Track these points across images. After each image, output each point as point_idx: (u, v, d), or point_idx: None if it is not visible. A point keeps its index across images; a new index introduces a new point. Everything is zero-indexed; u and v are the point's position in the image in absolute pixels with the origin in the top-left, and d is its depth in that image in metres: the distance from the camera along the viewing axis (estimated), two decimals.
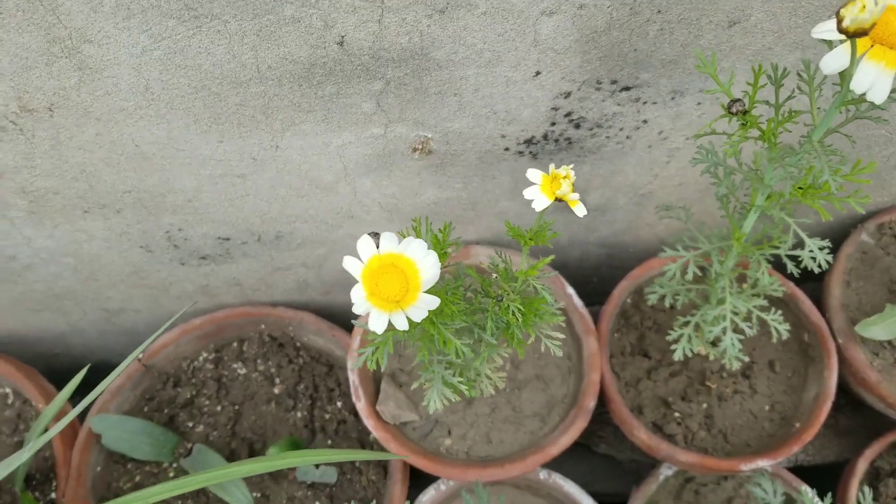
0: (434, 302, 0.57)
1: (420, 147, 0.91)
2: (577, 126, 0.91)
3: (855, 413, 1.25)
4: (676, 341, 1.00)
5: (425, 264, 0.57)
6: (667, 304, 0.92)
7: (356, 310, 0.57)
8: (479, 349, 0.79)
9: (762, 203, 0.77)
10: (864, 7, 0.48)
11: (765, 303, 0.93)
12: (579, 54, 0.79)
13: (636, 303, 1.17)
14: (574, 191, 0.61)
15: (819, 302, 1.15)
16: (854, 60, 0.55)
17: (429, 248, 0.58)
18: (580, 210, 0.61)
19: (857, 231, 1.19)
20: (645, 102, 0.88)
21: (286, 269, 1.20)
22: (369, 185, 0.98)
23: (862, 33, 0.49)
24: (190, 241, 1.08)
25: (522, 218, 1.12)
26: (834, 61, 0.56)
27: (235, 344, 1.32)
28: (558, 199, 0.62)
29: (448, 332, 0.68)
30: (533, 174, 0.62)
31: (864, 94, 0.56)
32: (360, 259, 0.57)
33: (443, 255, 0.68)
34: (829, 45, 0.57)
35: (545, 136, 0.93)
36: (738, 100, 0.63)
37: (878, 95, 0.55)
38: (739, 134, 0.64)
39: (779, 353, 1.15)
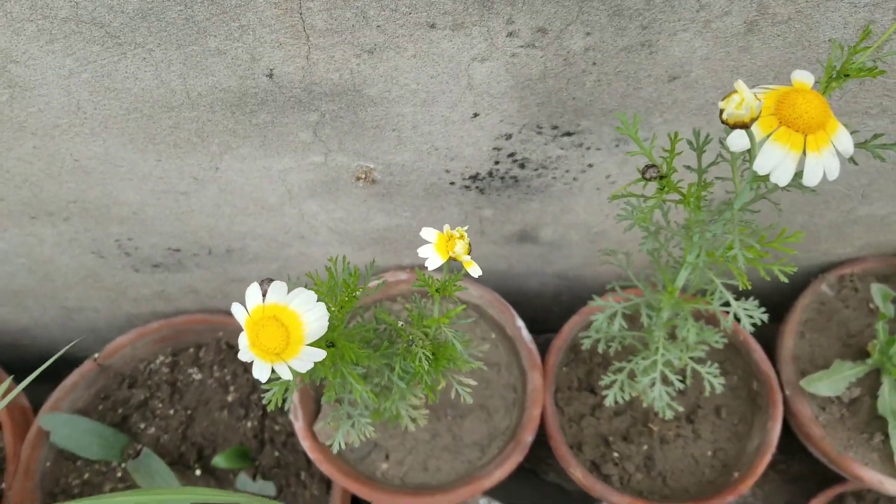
0: (319, 355, 0.57)
1: (363, 176, 0.91)
2: (522, 166, 0.90)
3: (808, 459, 1.23)
4: (610, 386, 0.99)
5: (310, 317, 0.56)
6: (600, 350, 0.91)
7: (241, 356, 0.57)
8: (392, 390, 0.79)
9: (692, 261, 0.76)
10: (742, 102, 0.46)
11: (702, 354, 0.92)
12: (516, 99, 0.78)
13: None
14: (469, 252, 0.60)
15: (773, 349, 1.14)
16: (755, 143, 0.53)
17: (318, 300, 0.57)
18: (474, 271, 0.61)
19: (817, 281, 1.17)
20: (588, 148, 0.87)
21: (241, 281, 1.20)
22: (316, 208, 0.98)
23: (743, 126, 0.48)
24: (141, 250, 1.09)
25: (474, 248, 1.11)
26: (740, 140, 0.55)
27: (192, 349, 1.33)
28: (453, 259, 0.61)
29: (353, 375, 0.68)
30: (427, 233, 0.61)
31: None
32: (245, 308, 0.57)
33: (351, 299, 0.68)
34: None
35: (490, 174, 0.92)
36: (653, 165, 0.62)
37: (782, 178, 0.54)
38: (656, 198, 0.63)
39: (727, 398, 1.14)
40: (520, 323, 1.14)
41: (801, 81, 0.55)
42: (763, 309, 0.76)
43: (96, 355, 1.27)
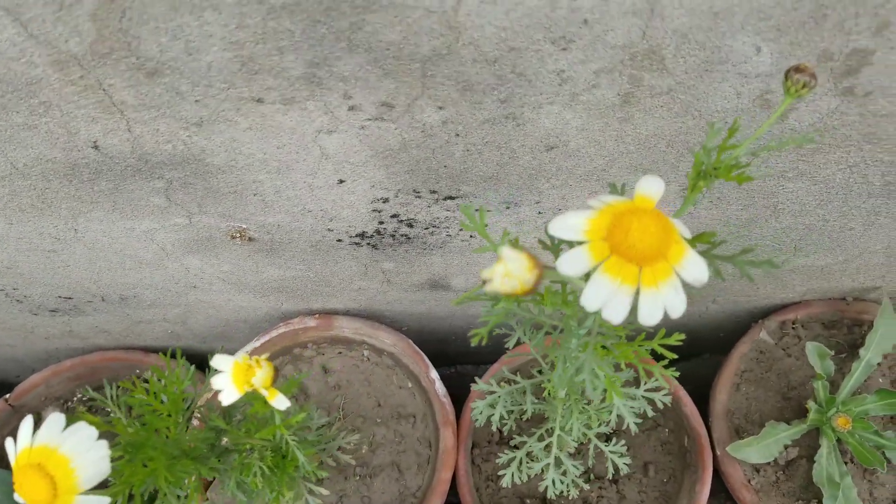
0: (102, 502, 0.50)
1: (238, 235, 0.83)
2: (410, 225, 0.82)
3: None
4: (507, 465, 0.92)
5: (86, 461, 0.49)
6: (494, 428, 0.83)
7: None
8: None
9: (562, 376, 0.68)
10: (509, 274, 0.38)
11: (608, 429, 0.84)
12: (382, 168, 0.70)
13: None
14: (273, 383, 0.52)
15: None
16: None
17: (97, 438, 0.50)
18: (279, 403, 0.53)
19: (756, 328, 1.08)
20: (477, 210, 0.78)
21: (148, 323, 1.14)
22: (198, 263, 0.90)
23: (515, 297, 0.40)
24: (31, 298, 1.02)
25: (384, 295, 1.04)
26: (570, 266, 0.47)
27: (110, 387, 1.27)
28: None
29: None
30: (221, 361, 0.53)
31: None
32: (14, 447, 0.49)
33: (177, 411, 0.61)
34: None
35: (378, 232, 0.84)
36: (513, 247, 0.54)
37: (615, 316, 0.45)
38: (504, 304, 0.55)
39: (658, 454, 1.07)
40: (434, 375, 1.06)
41: (645, 195, 0.47)
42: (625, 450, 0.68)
43: (7, 396, 1.22)
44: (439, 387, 1.06)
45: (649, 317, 0.45)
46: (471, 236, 0.86)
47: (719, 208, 0.80)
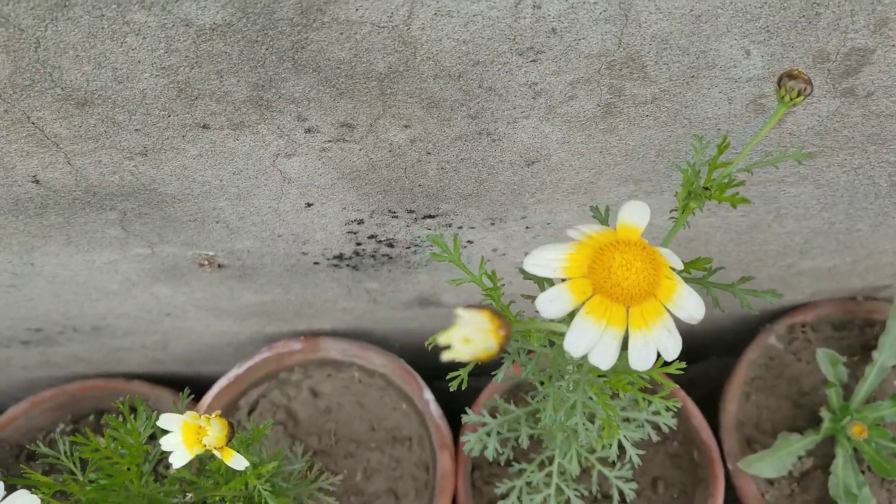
0: None
1: (206, 262, 0.78)
2: (391, 245, 0.77)
3: None
4: (507, 495, 0.87)
5: None
6: (489, 457, 0.78)
7: None
8: None
9: (551, 419, 0.63)
10: (468, 340, 0.33)
11: (612, 453, 0.79)
12: (351, 189, 0.65)
13: (514, 401, 1.04)
14: (228, 442, 0.47)
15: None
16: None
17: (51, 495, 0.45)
18: (236, 463, 0.48)
19: (764, 334, 1.03)
20: (460, 227, 0.73)
21: (127, 350, 1.09)
22: (169, 291, 0.86)
23: (478, 360, 0.35)
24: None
25: (372, 314, 0.99)
26: (549, 307, 0.41)
27: (93, 416, 1.23)
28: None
29: None
30: (168, 420, 0.48)
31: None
32: None
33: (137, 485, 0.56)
34: None
35: (357, 254, 0.79)
36: (474, 306, 0.48)
37: (603, 361, 0.40)
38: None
39: (667, 468, 1.01)
40: (428, 396, 1.01)
41: (628, 225, 0.41)
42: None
43: None
44: (434, 408, 1.01)
45: (641, 362, 0.40)
46: None
47: (718, 215, 0.74)
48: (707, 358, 1.25)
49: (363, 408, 1.06)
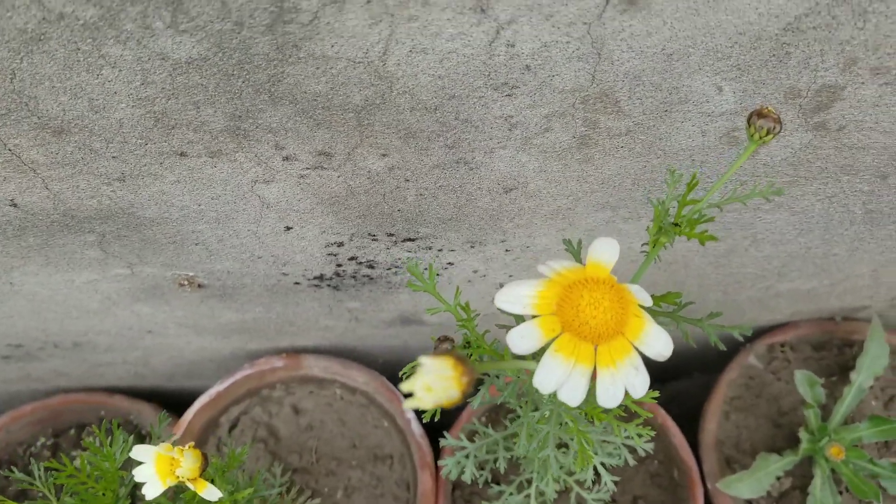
0: None
1: (186, 283, 0.78)
2: (371, 266, 0.77)
3: None
4: None
5: None
6: (467, 480, 0.78)
7: None
8: None
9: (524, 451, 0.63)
10: (430, 388, 0.33)
11: (589, 477, 0.79)
12: (330, 214, 0.65)
13: (491, 423, 1.04)
14: (202, 473, 0.47)
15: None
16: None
17: None
18: (209, 494, 0.48)
19: (744, 353, 1.04)
20: (441, 250, 0.74)
21: (109, 365, 1.09)
22: (149, 310, 0.85)
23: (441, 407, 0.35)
24: None
25: (354, 332, 0.99)
26: (519, 342, 0.42)
27: (74, 430, 1.22)
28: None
29: None
30: (142, 452, 0.48)
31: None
32: None
33: None
34: None
35: (337, 274, 0.79)
36: (447, 339, 0.49)
37: (571, 398, 0.41)
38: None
39: (647, 487, 1.02)
40: (410, 414, 1.02)
41: (598, 262, 0.41)
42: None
43: None
44: (416, 426, 1.01)
45: (609, 400, 0.40)
46: (438, 274, 0.81)
47: (695, 241, 0.75)
48: (689, 375, 1.26)
49: (345, 425, 1.06)
